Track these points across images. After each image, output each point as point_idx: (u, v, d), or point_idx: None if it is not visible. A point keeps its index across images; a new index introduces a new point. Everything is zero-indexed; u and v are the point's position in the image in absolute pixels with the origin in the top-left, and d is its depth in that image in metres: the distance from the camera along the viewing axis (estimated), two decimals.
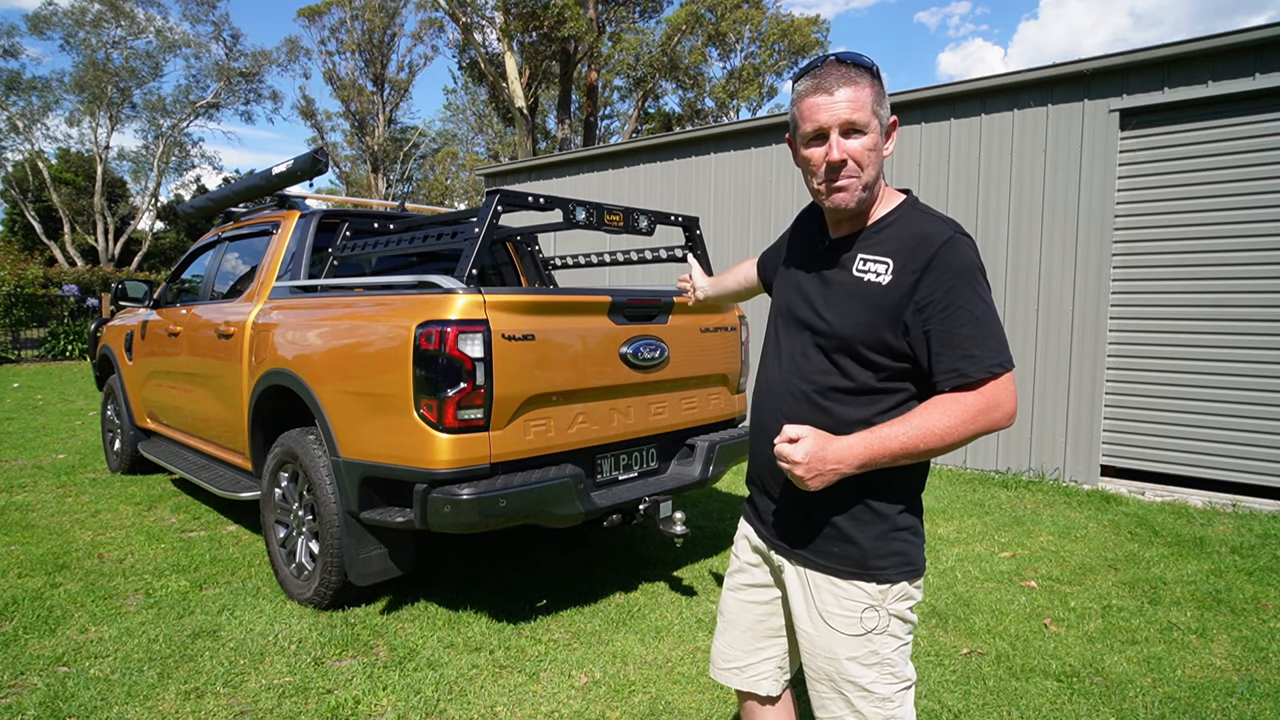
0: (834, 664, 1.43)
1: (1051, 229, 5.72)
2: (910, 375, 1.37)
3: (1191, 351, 5.31)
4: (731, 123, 8.01)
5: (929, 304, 1.30)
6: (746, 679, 1.65)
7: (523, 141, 23.01)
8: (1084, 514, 4.84)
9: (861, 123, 1.32)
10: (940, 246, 1.31)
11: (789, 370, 1.48)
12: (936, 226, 1.35)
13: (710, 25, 29.20)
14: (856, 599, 1.41)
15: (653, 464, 3.47)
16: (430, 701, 2.55)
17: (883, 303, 1.34)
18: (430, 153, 41.16)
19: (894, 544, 1.41)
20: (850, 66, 1.33)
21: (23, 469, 5.77)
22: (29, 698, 2.51)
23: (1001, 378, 1.29)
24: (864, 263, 1.38)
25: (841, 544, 1.42)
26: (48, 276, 16.68)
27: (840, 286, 1.41)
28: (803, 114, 1.36)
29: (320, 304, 3.39)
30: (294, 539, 3.38)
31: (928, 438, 1.27)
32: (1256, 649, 2.98)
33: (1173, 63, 5.21)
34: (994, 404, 1.28)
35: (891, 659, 1.42)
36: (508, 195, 2.94)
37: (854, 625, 1.41)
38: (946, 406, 1.29)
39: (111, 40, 29.50)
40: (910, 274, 1.32)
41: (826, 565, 1.44)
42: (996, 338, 1.29)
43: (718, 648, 1.70)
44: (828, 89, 1.32)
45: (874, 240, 1.39)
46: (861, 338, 1.36)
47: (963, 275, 1.30)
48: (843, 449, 1.29)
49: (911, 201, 1.43)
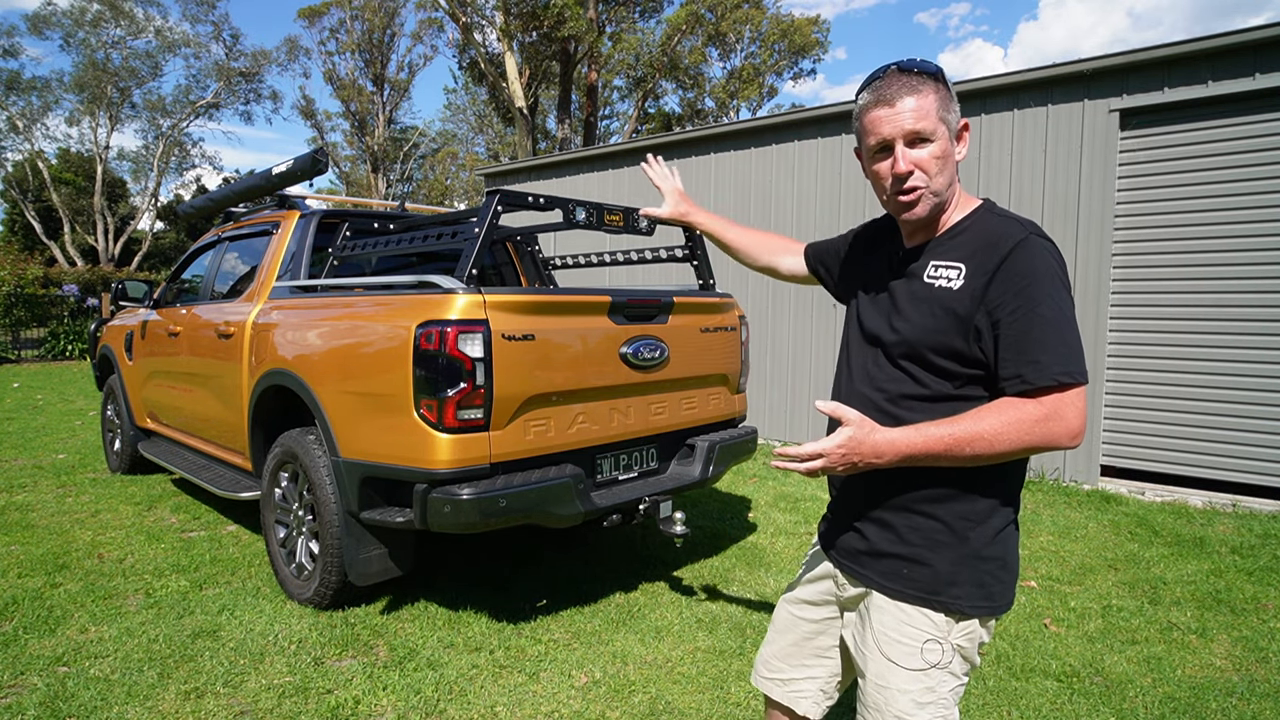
0: (883, 694, 1.33)
1: (1051, 229, 5.72)
2: (984, 381, 1.30)
3: (1191, 351, 5.31)
4: (731, 123, 8.01)
5: (999, 306, 1.24)
6: (788, 693, 1.59)
7: (523, 141, 23.02)
8: (1084, 514, 4.84)
9: (927, 131, 1.28)
10: (1014, 248, 1.26)
11: (860, 381, 1.43)
12: (1011, 227, 1.30)
13: (710, 25, 29.20)
14: (920, 627, 1.32)
15: (653, 464, 3.46)
16: (430, 701, 2.55)
17: (954, 307, 1.29)
18: (430, 153, 41.17)
19: (975, 573, 1.31)
20: (912, 75, 1.30)
21: (23, 469, 5.77)
22: (29, 698, 2.51)
23: (1069, 390, 1.20)
24: (935, 269, 1.34)
25: (913, 566, 1.34)
26: (48, 276, 16.69)
27: (911, 295, 1.37)
28: (866, 127, 1.33)
29: (320, 304, 3.39)
30: (294, 539, 3.38)
31: (975, 441, 1.20)
32: (1256, 649, 2.98)
33: (1173, 63, 5.21)
34: (1054, 415, 1.19)
35: (945, 699, 1.31)
36: (508, 195, 2.94)
37: (913, 657, 1.31)
38: (1003, 410, 1.22)
39: (111, 40, 29.52)
40: (982, 276, 1.27)
41: (893, 588, 1.35)
42: (1068, 345, 1.21)
43: (763, 655, 1.64)
44: (889, 100, 1.29)
45: (947, 246, 1.36)
46: (929, 343, 1.31)
47: (1036, 277, 1.23)
48: (883, 441, 1.23)
49: (988, 206, 1.39)
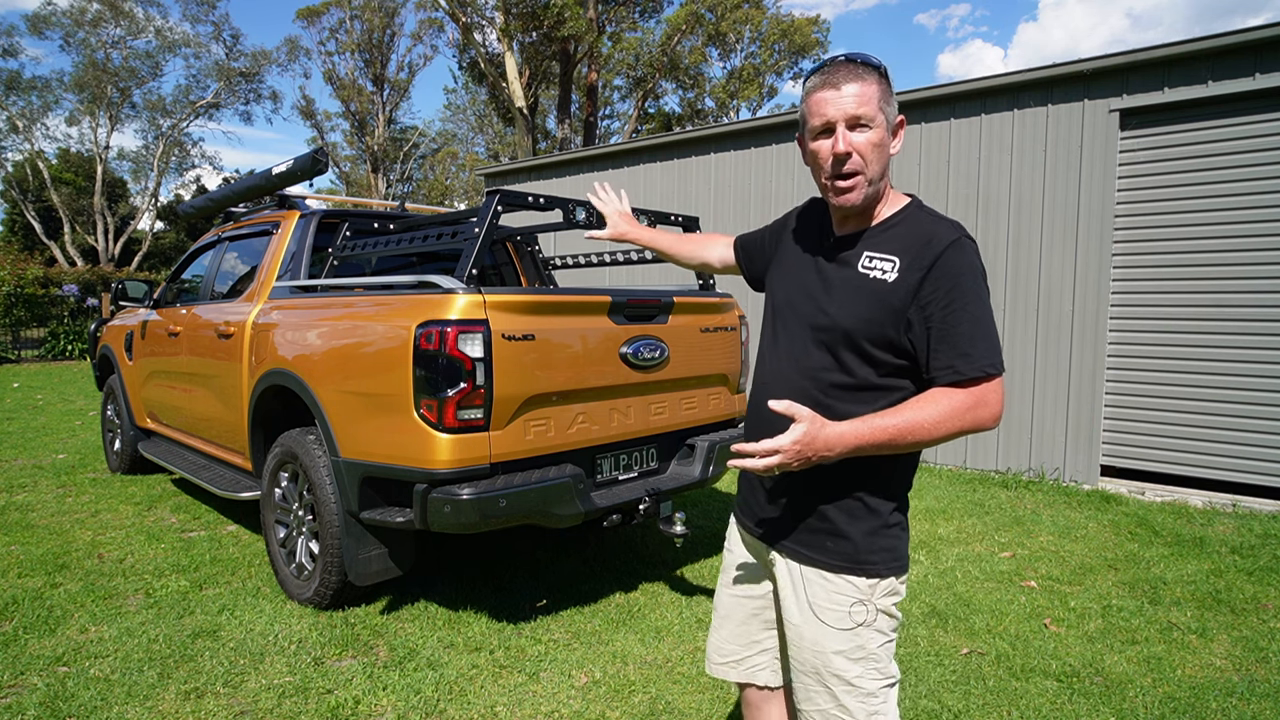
0: (821, 658, 1.44)
1: (1051, 229, 5.72)
2: (909, 372, 1.40)
3: (1191, 351, 5.31)
4: (731, 123, 8.01)
5: (931, 301, 1.33)
6: (744, 671, 1.68)
7: (523, 141, 23.01)
8: (1084, 514, 4.84)
9: (867, 117, 1.35)
10: (947, 247, 1.35)
11: (789, 366, 1.49)
12: (943, 228, 1.39)
13: (710, 25, 29.20)
14: (846, 593, 1.43)
15: (653, 464, 3.46)
16: (430, 701, 2.55)
17: (889, 299, 1.36)
18: (430, 153, 41.16)
19: (885, 539, 1.44)
20: (858, 65, 1.37)
21: (23, 469, 5.77)
22: (29, 698, 2.51)
23: (993, 380, 1.32)
24: (870, 259, 1.41)
25: (834, 539, 1.44)
26: (48, 276, 16.66)
27: (845, 283, 1.43)
28: (811, 109, 1.40)
29: (320, 304, 3.39)
30: (294, 539, 3.38)
31: (916, 430, 1.30)
32: (1257, 649, 2.98)
33: (1173, 63, 5.21)
34: (981, 402, 1.32)
35: (877, 654, 1.43)
36: (508, 195, 2.94)
37: (843, 619, 1.43)
38: (937, 400, 1.32)
39: (111, 40, 29.51)
40: (917, 272, 1.35)
41: (818, 559, 1.45)
42: (991, 340, 1.33)
43: (713, 643, 1.72)
44: (835, 84, 1.36)
45: (881, 239, 1.42)
46: (865, 332, 1.38)
47: (966, 276, 1.34)
48: (834, 435, 1.30)
49: (917, 204, 1.47)
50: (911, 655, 2.90)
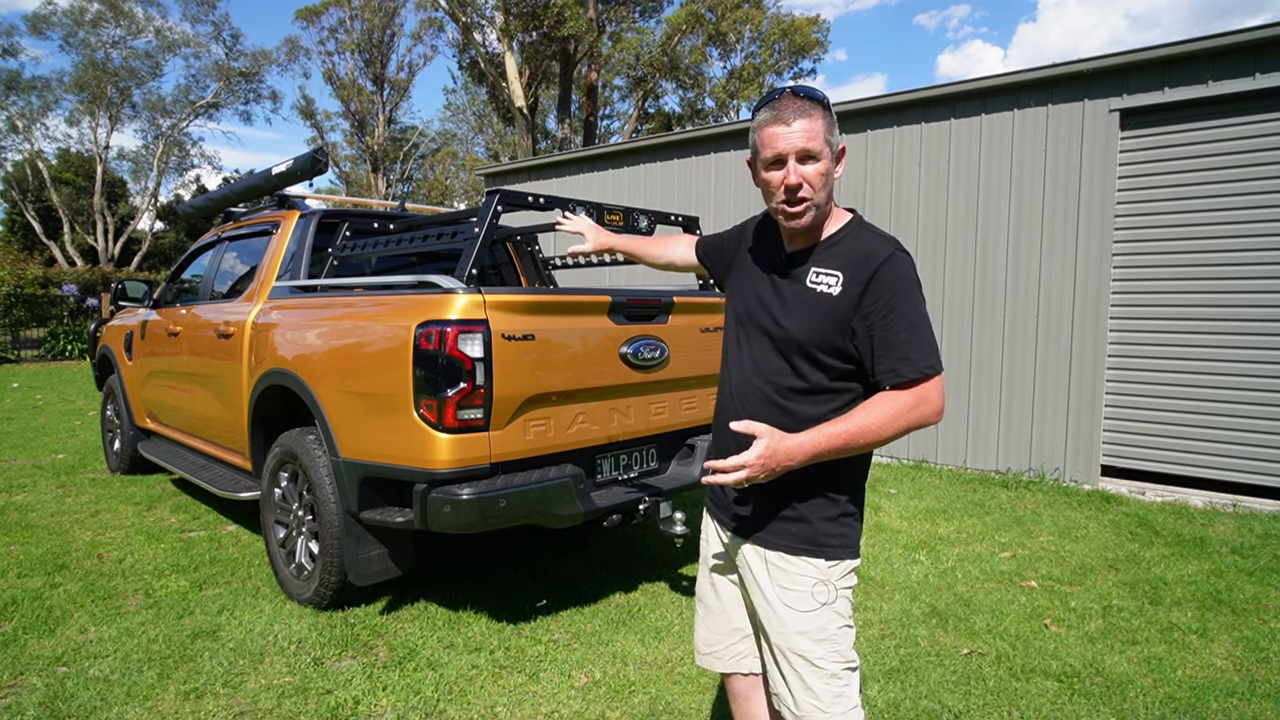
0: (784, 638, 1.55)
1: (1051, 229, 5.72)
2: (857, 376, 1.53)
3: (1191, 351, 5.31)
4: (732, 123, 8.01)
5: (872, 311, 1.46)
6: (729, 661, 1.77)
7: (523, 141, 23.01)
8: (1084, 514, 4.84)
9: (815, 150, 1.47)
10: (882, 262, 1.47)
11: (750, 372, 1.62)
12: (879, 244, 1.51)
13: (710, 25, 29.20)
14: (807, 573, 1.55)
15: (653, 464, 3.46)
16: (430, 701, 2.55)
17: (834, 311, 1.50)
18: (430, 153, 41.15)
19: (840, 526, 1.57)
20: (804, 100, 1.48)
21: (22, 469, 5.77)
22: (29, 698, 2.51)
23: (932, 379, 1.45)
24: (817, 275, 1.54)
25: (797, 524, 1.57)
26: (47, 276, 16.68)
27: (796, 296, 1.56)
28: (763, 141, 1.51)
29: (320, 304, 3.38)
30: (294, 539, 3.38)
31: (866, 432, 1.43)
32: (1257, 649, 2.98)
33: (1173, 63, 5.21)
34: (923, 400, 1.44)
35: (836, 636, 1.53)
36: (508, 195, 2.94)
37: (805, 600, 1.54)
38: (882, 404, 1.45)
39: (111, 40, 29.50)
40: (857, 285, 1.48)
41: (780, 543, 1.57)
42: (928, 344, 1.46)
43: (699, 636, 1.82)
44: (785, 120, 1.46)
45: (826, 255, 1.55)
46: (815, 342, 1.51)
47: (901, 287, 1.46)
48: (793, 446, 1.43)
49: (858, 221, 1.59)
50: (912, 655, 2.90)
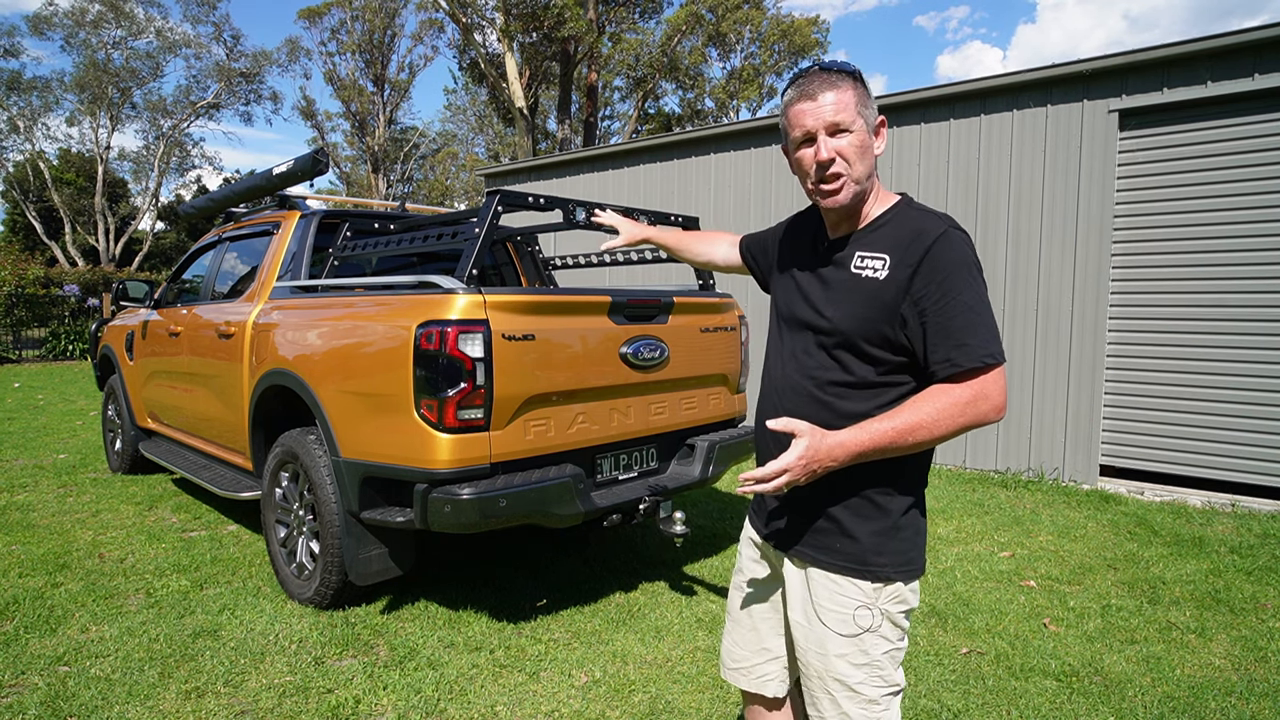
0: (823, 660, 1.43)
1: (1051, 229, 5.73)
2: (909, 369, 1.39)
3: (1190, 351, 5.31)
4: (731, 123, 8.02)
5: (924, 296, 1.33)
6: (754, 680, 1.66)
7: (523, 142, 23.02)
8: (1083, 514, 4.85)
9: (846, 122, 1.36)
10: (935, 241, 1.34)
11: (791, 368, 1.50)
12: (931, 221, 1.38)
13: (710, 26, 29.21)
14: (851, 595, 1.41)
15: (653, 464, 3.47)
16: (430, 701, 2.55)
17: (881, 296, 1.36)
18: (430, 153, 41.16)
19: (894, 542, 1.41)
20: (832, 73, 1.39)
21: (24, 469, 5.78)
22: (30, 697, 2.52)
23: (992, 370, 1.30)
24: (861, 259, 1.41)
25: (842, 539, 1.42)
26: (49, 277, 16.70)
27: (839, 284, 1.44)
28: (791, 121, 1.42)
29: (321, 304, 3.39)
30: (294, 539, 3.39)
31: (917, 429, 1.29)
32: (1255, 648, 2.99)
33: (1172, 63, 5.22)
34: (982, 395, 1.30)
35: (880, 661, 1.41)
36: (508, 195, 2.94)
37: (846, 623, 1.41)
38: (935, 397, 1.31)
39: (112, 40, 29.53)
40: (906, 267, 1.35)
41: (824, 560, 1.44)
42: (988, 330, 1.31)
43: (725, 646, 1.72)
44: (812, 95, 1.38)
45: (870, 238, 1.43)
46: (862, 332, 1.38)
47: (957, 268, 1.33)
48: (835, 444, 1.30)
49: (907, 201, 1.46)
50: (911, 655, 2.91)
